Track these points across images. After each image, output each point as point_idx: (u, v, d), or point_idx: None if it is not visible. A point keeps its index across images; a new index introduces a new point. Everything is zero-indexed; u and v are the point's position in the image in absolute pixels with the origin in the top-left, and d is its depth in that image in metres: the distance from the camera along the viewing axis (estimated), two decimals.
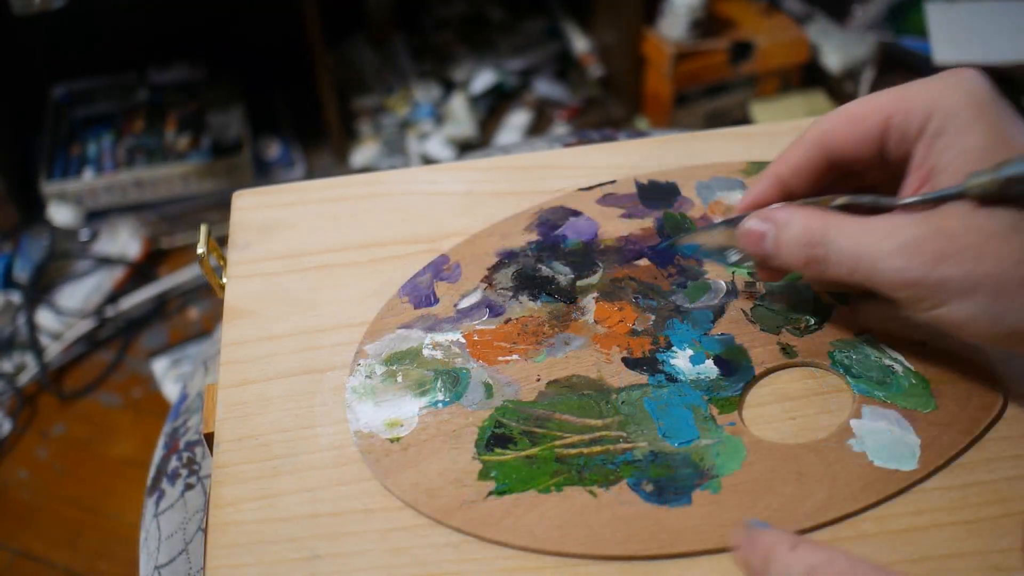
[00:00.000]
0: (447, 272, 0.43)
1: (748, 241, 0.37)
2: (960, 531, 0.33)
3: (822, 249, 0.34)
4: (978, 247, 0.31)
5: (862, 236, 0.33)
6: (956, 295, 0.31)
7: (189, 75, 1.42)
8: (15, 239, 1.28)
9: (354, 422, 0.38)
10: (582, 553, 0.33)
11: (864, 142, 0.35)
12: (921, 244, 0.32)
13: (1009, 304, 0.31)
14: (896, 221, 0.33)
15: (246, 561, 0.34)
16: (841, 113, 0.36)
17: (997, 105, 0.33)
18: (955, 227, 0.32)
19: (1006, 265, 0.31)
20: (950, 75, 0.34)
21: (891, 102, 0.34)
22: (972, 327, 0.32)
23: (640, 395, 0.38)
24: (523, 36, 1.54)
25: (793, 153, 0.37)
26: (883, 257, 0.32)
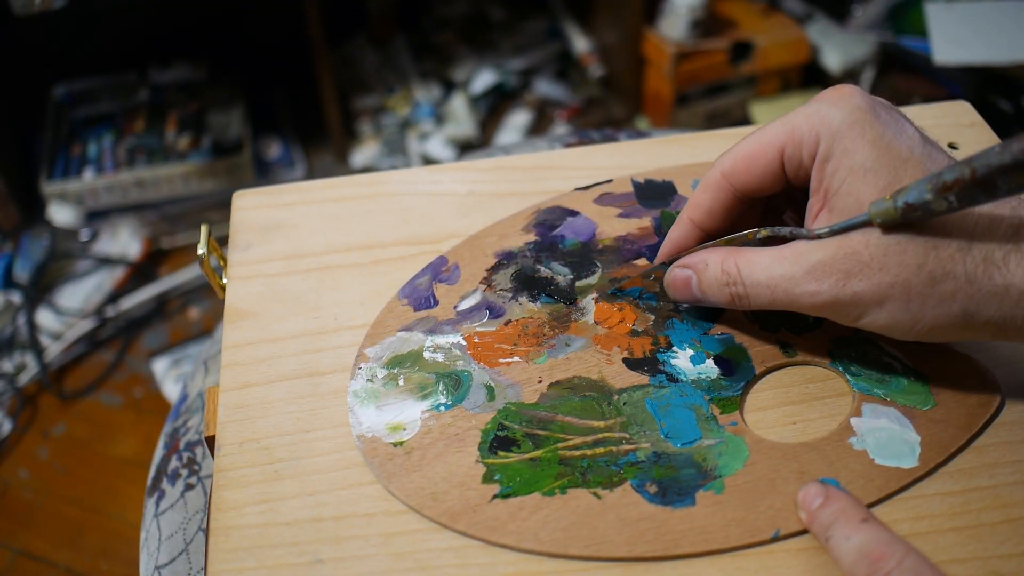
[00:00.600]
0: (446, 274, 0.43)
1: (676, 288, 0.39)
2: (960, 537, 0.33)
3: (740, 287, 0.36)
4: (880, 260, 0.33)
5: (773, 268, 0.35)
6: (871, 306, 0.34)
7: (190, 75, 1.42)
8: (16, 239, 1.28)
9: (356, 426, 0.37)
10: (587, 556, 0.33)
11: (766, 177, 0.36)
12: (828, 266, 0.34)
13: (921, 305, 0.33)
14: (803, 247, 0.35)
15: (248, 565, 0.34)
16: (738, 152, 0.37)
17: (879, 118, 0.34)
18: (857, 245, 0.33)
19: (910, 271, 0.33)
20: (831, 96, 0.35)
21: (781, 134, 0.36)
22: (897, 330, 0.34)
23: (642, 396, 0.38)
24: (524, 36, 1.54)
25: (702, 197, 0.38)
26: (796, 284, 0.34)
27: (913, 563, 0.30)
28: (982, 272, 0.32)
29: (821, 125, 0.34)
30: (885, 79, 1.37)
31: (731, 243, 0.38)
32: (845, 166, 0.34)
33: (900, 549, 0.31)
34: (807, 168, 0.35)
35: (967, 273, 0.32)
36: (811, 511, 0.33)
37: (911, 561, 0.30)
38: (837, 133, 0.34)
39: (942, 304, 0.33)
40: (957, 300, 0.33)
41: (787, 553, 0.33)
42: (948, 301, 0.33)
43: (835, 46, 1.39)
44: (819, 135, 0.34)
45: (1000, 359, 0.38)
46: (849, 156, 0.34)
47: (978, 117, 0.49)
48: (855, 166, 0.34)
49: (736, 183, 0.37)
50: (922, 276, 0.33)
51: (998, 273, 0.32)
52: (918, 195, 0.32)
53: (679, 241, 0.39)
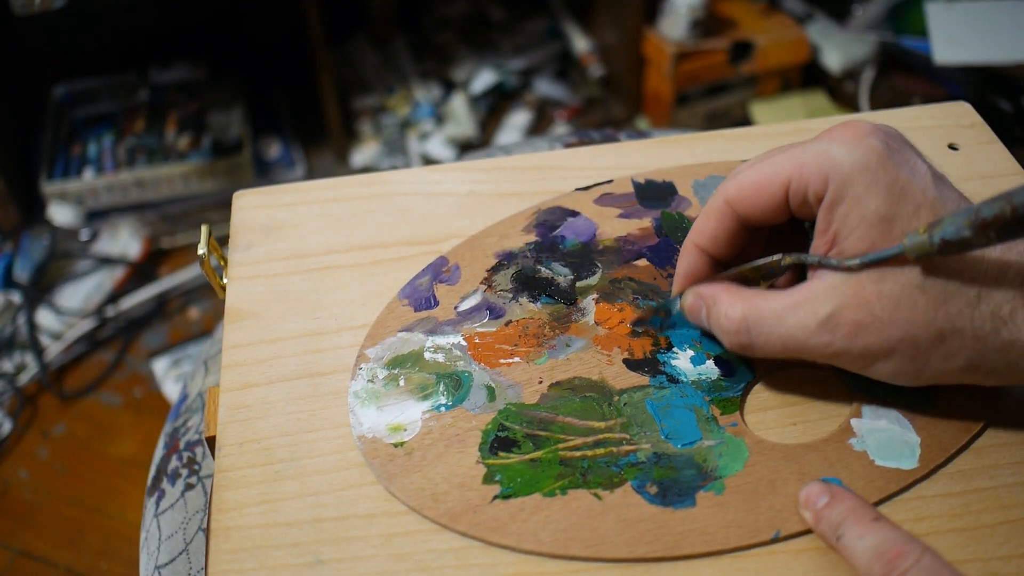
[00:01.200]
0: (446, 274, 0.43)
1: (691, 316, 0.38)
2: (961, 538, 0.33)
3: (746, 336, 0.35)
4: (891, 314, 0.33)
5: (784, 316, 0.34)
6: (879, 358, 0.34)
7: (190, 75, 1.42)
8: (16, 239, 1.28)
9: (357, 427, 0.37)
10: (587, 556, 0.33)
11: (770, 208, 0.35)
12: (841, 316, 0.33)
13: (926, 360, 0.33)
14: (816, 294, 0.34)
15: (249, 566, 0.34)
16: (743, 180, 0.36)
17: (891, 161, 0.33)
18: (869, 297, 0.33)
19: (919, 328, 0.33)
20: (844, 134, 0.34)
21: (788, 168, 0.34)
22: (900, 379, 0.34)
23: (642, 396, 0.38)
24: (524, 36, 1.54)
25: (706, 225, 0.37)
26: (808, 336, 0.34)
27: (930, 561, 0.30)
28: (989, 328, 0.32)
29: (831, 167, 0.33)
30: (885, 79, 1.37)
31: (751, 271, 0.37)
32: (857, 213, 0.33)
33: (917, 547, 0.31)
34: (811, 206, 0.35)
35: (974, 330, 0.32)
36: (817, 510, 0.33)
37: (928, 559, 0.30)
38: (848, 178, 0.33)
39: (948, 359, 0.33)
40: (962, 355, 0.33)
41: (787, 554, 0.33)
42: (954, 356, 0.33)
43: (835, 46, 1.39)
44: (828, 177, 0.33)
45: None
46: (861, 203, 0.33)
47: (978, 118, 0.49)
48: (868, 214, 0.33)
49: (740, 211, 0.36)
50: (931, 332, 0.33)
51: (1005, 329, 0.32)
52: (955, 231, 0.31)
53: (690, 269, 0.38)
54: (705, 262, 0.38)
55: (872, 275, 0.33)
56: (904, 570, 0.30)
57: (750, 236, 0.38)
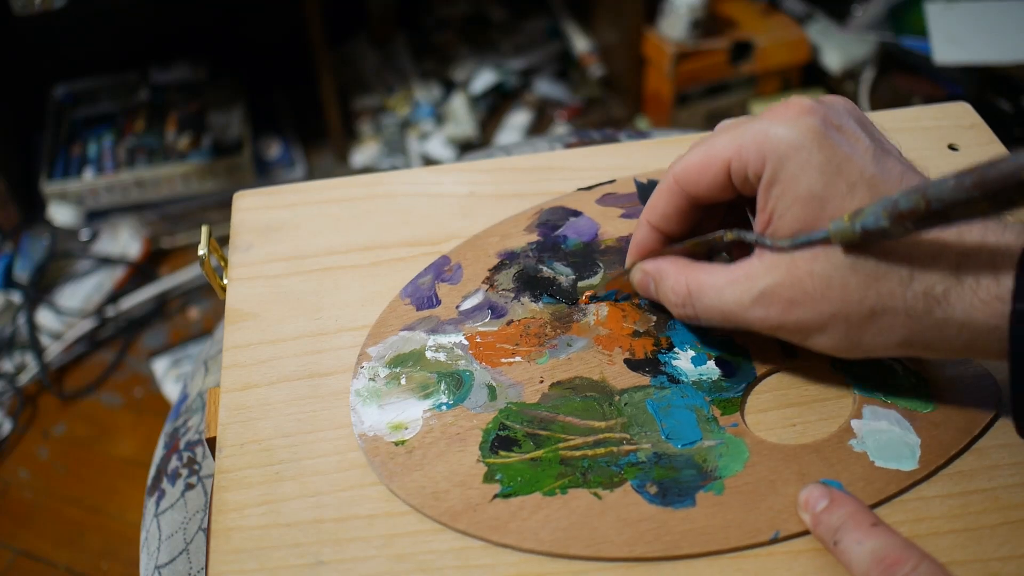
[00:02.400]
0: (448, 273, 0.43)
1: (640, 289, 0.40)
2: (960, 539, 0.33)
3: (691, 308, 0.37)
4: (823, 291, 0.33)
5: (725, 292, 0.36)
6: (813, 331, 0.34)
7: (190, 75, 1.42)
8: (16, 239, 1.28)
9: (358, 425, 0.38)
10: (587, 556, 0.33)
11: (715, 187, 0.36)
12: (775, 293, 0.34)
13: (860, 335, 0.34)
14: (753, 270, 0.35)
15: (250, 567, 0.34)
16: (689, 160, 0.37)
17: (828, 139, 0.33)
18: (802, 275, 0.34)
19: (850, 305, 0.33)
20: (782, 113, 0.35)
21: (729, 148, 0.35)
22: (837, 352, 0.35)
23: (643, 396, 0.38)
24: (524, 36, 1.54)
25: (658, 202, 0.38)
26: (744, 308, 0.35)
27: (928, 568, 0.30)
28: (922, 307, 0.32)
29: (767, 146, 0.34)
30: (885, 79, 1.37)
31: (697, 245, 0.38)
32: (791, 193, 0.34)
33: (915, 554, 0.31)
34: (752, 185, 0.35)
35: (907, 308, 0.33)
36: (816, 514, 0.33)
37: (926, 567, 0.30)
38: (783, 157, 0.33)
39: (881, 334, 0.33)
40: (896, 331, 0.33)
41: (787, 555, 0.33)
42: (887, 332, 0.33)
43: (835, 46, 1.39)
44: (765, 156, 0.34)
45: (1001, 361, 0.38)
46: (795, 183, 0.34)
47: (978, 118, 0.49)
48: (801, 193, 0.33)
49: (688, 189, 0.37)
50: (863, 309, 0.33)
51: (938, 308, 0.32)
52: (875, 221, 0.32)
53: (641, 244, 0.39)
54: (656, 238, 0.39)
55: (805, 255, 0.34)
56: None
57: (702, 213, 0.38)
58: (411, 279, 0.43)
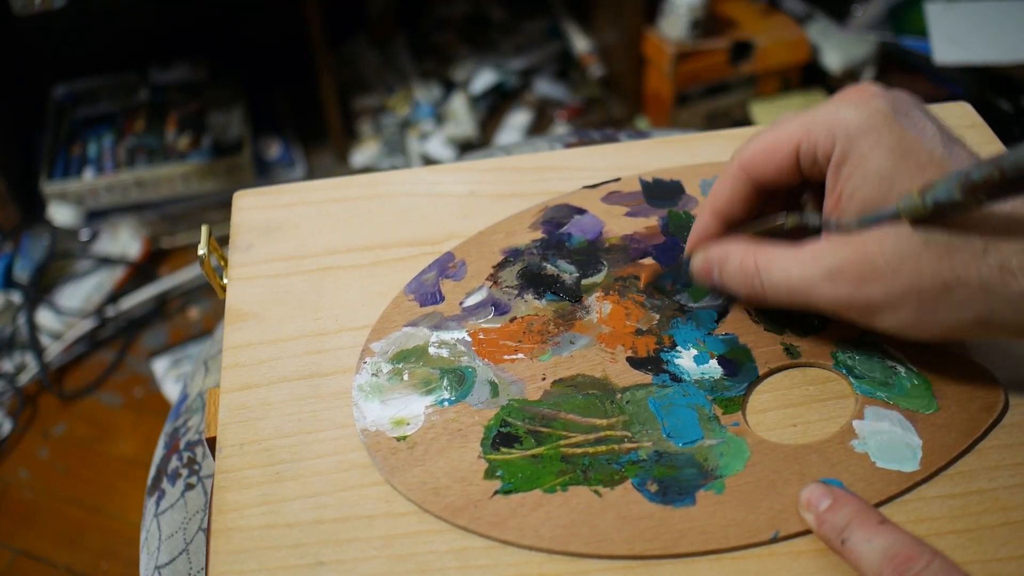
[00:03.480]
0: (452, 270, 0.43)
1: (700, 276, 0.40)
2: (960, 539, 0.33)
3: (758, 283, 0.36)
4: (895, 266, 0.33)
5: (792, 269, 0.35)
6: (884, 309, 0.34)
7: (190, 75, 1.42)
8: (16, 239, 1.28)
9: (360, 420, 0.38)
10: (587, 553, 0.33)
11: (782, 171, 0.37)
12: (844, 269, 0.34)
13: (934, 312, 0.33)
14: (822, 248, 0.35)
15: (250, 567, 0.33)
16: (757, 143, 0.37)
17: (897, 122, 0.34)
18: (873, 250, 0.33)
19: (924, 279, 0.33)
20: (852, 97, 0.35)
21: (798, 130, 0.36)
22: (908, 332, 0.35)
23: (644, 395, 0.38)
24: (524, 36, 1.54)
25: (722, 187, 0.38)
26: (813, 285, 0.35)
27: (941, 565, 0.30)
28: (997, 280, 0.32)
29: (837, 127, 0.34)
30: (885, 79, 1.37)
31: (759, 232, 0.38)
32: (860, 172, 0.34)
33: (928, 551, 0.31)
34: (821, 167, 0.35)
35: (981, 281, 0.32)
36: (819, 513, 0.33)
37: (939, 563, 0.30)
38: (853, 137, 0.34)
39: (955, 310, 0.33)
40: (971, 307, 0.33)
41: (787, 555, 0.33)
42: (962, 308, 0.33)
43: (835, 46, 1.39)
44: (835, 137, 0.34)
45: (1003, 361, 0.38)
46: (865, 162, 0.34)
47: (978, 118, 0.49)
48: (870, 173, 0.34)
49: (754, 175, 0.37)
50: (936, 284, 0.33)
51: (1014, 281, 0.32)
52: (947, 193, 0.32)
53: (702, 232, 0.40)
54: (717, 225, 0.39)
55: (874, 233, 0.34)
56: (916, 573, 0.30)
57: (764, 200, 0.39)
58: (416, 274, 0.43)
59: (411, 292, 0.42)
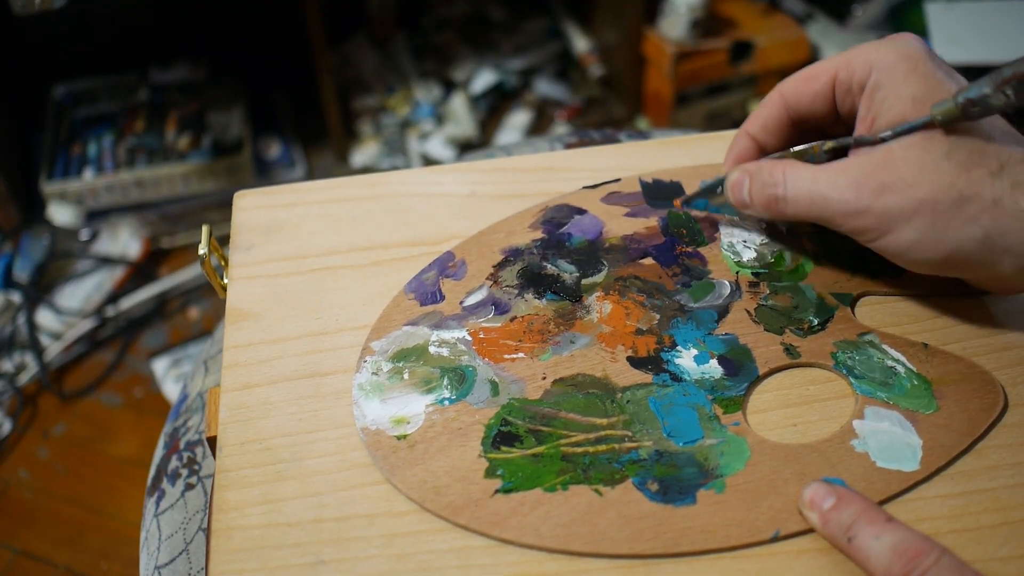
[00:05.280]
0: (453, 269, 0.43)
1: (732, 191, 0.41)
2: (960, 539, 0.33)
3: (781, 189, 0.38)
4: (915, 175, 0.35)
5: (818, 175, 0.38)
6: (899, 221, 0.36)
7: (190, 75, 1.42)
8: (15, 239, 1.28)
9: (360, 419, 0.38)
10: (587, 552, 0.33)
11: (817, 98, 0.40)
12: (866, 177, 0.36)
13: (946, 226, 0.35)
14: (849, 161, 0.37)
15: (250, 567, 0.34)
16: (798, 74, 0.41)
17: (931, 60, 0.37)
18: (895, 159, 0.36)
19: (940, 189, 0.35)
20: (891, 37, 0.38)
21: (837, 61, 0.39)
22: (916, 252, 0.36)
23: (645, 394, 0.38)
24: (524, 36, 1.54)
25: (759, 112, 0.42)
26: (834, 191, 0.37)
27: (950, 560, 0.30)
28: (1008, 196, 0.34)
29: (876, 58, 0.37)
30: None
31: (795, 156, 0.40)
32: (895, 95, 0.37)
33: (936, 546, 0.31)
34: (855, 96, 0.38)
35: (994, 196, 0.34)
36: (824, 512, 0.33)
37: (948, 559, 0.30)
38: (890, 66, 0.37)
39: (966, 225, 0.34)
40: (981, 222, 0.34)
41: (788, 555, 0.33)
42: (972, 223, 0.34)
43: (835, 46, 1.39)
44: (872, 66, 0.37)
45: (1003, 362, 0.39)
46: (899, 86, 0.37)
47: None
48: (904, 95, 0.36)
49: (790, 100, 0.40)
50: (952, 195, 0.34)
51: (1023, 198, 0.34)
52: (978, 90, 0.33)
53: (738, 153, 0.42)
54: (753, 148, 0.42)
55: (903, 142, 0.36)
56: (926, 568, 0.30)
57: (798, 133, 0.41)
58: (416, 274, 0.43)
59: (411, 291, 0.42)
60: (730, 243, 0.44)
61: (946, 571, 0.30)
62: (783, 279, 0.42)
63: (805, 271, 0.42)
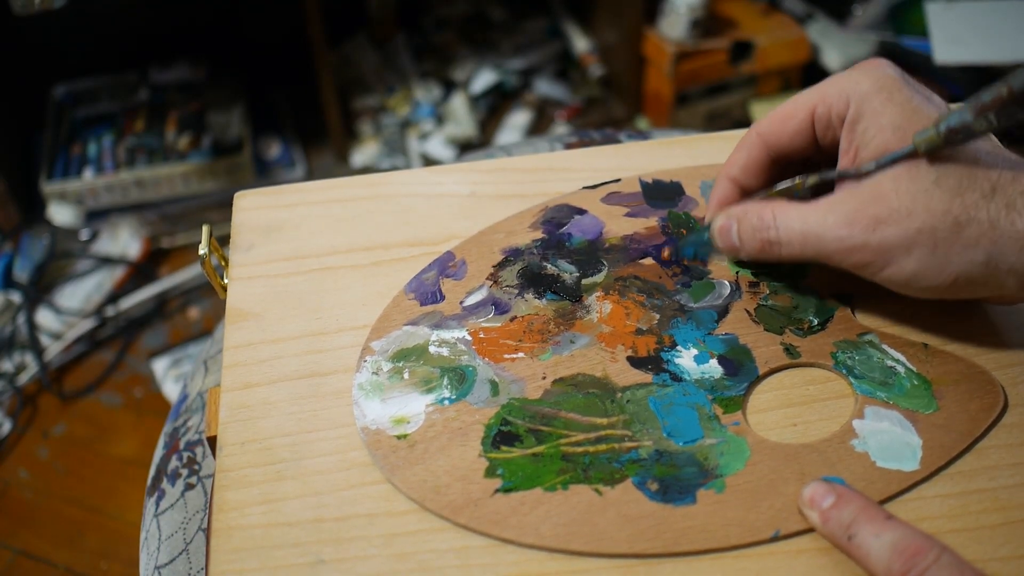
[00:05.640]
0: (453, 269, 0.43)
1: (720, 237, 0.41)
2: (960, 539, 0.33)
3: (773, 232, 0.38)
4: (908, 205, 0.35)
5: (807, 215, 0.37)
6: (898, 253, 0.35)
7: (190, 75, 1.42)
8: (16, 239, 1.28)
9: (361, 419, 0.38)
10: (587, 551, 0.33)
11: (797, 135, 0.39)
12: (857, 212, 0.35)
13: (947, 252, 0.35)
14: (837, 197, 0.36)
15: (250, 566, 0.34)
16: (773, 114, 0.40)
17: (907, 86, 0.37)
18: (885, 191, 0.35)
19: (936, 217, 0.34)
20: (862, 66, 0.38)
21: (813, 96, 0.38)
22: (920, 280, 0.35)
23: (645, 394, 0.38)
24: (524, 36, 1.54)
25: (738, 156, 0.41)
26: (827, 230, 0.36)
27: (950, 558, 0.30)
28: (1004, 217, 0.34)
29: (851, 89, 0.37)
30: None
31: (777, 194, 0.40)
32: (875, 125, 0.36)
33: (936, 544, 0.31)
34: (835, 130, 0.38)
35: (990, 218, 0.34)
36: (823, 510, 0.33)
37: (948, 556, 0.30)
38: (866, 96, 0.36)
39: (967, 250, 0.34)
40: (981, 246, 0.34)
41: (787, 554, 0.33)
42: (972, 247, 0.34)
43: (835, 46, 1.39)
44: (849, 98, 0.37)
45: (1003, 362, 0.39)
46: (879, 116, 0.36)
47: None
48: (884, 125, 0.36)
49: (769, 141, 0.39)
50: (948, 221, 0.34)
51: (1020, 219, 0.34)
52: (959, 118, 0.33)
53: (721, 198, 0.41)
54: (735, 191, 0.41)
55: (889, 173, 0.35)
56: (926, 566, 0.30)
57: (778, 170, 0.40)
58: (416, 274, 0.43)
59: (411, 291, 0.42)
60: None
61: (946, 569, 0.30)
62: (783, 279, 0.42)
63: (805, 271, 0.42)
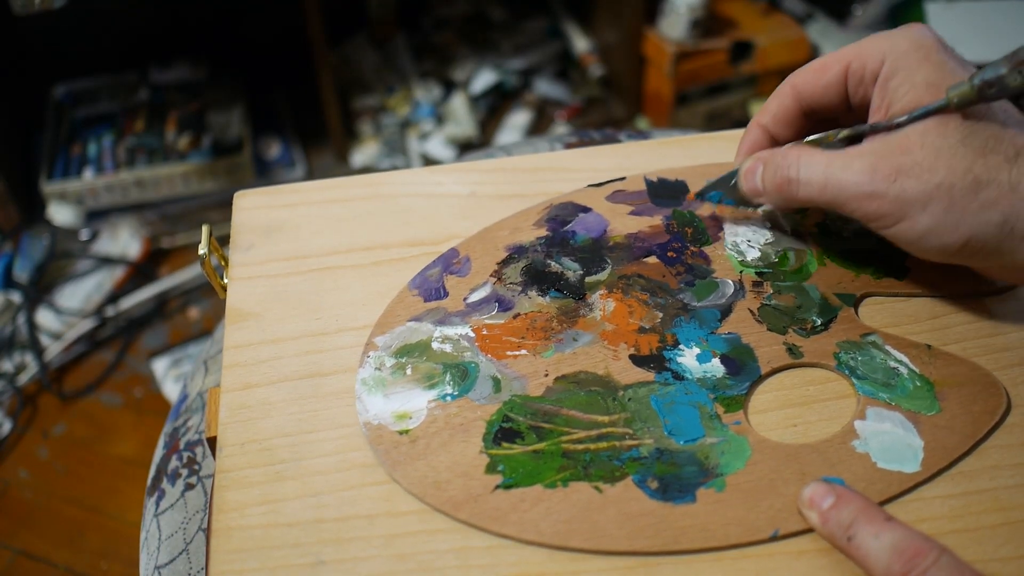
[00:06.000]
0: (456, 266, 0.43)
1: (745, 179, 0.41)
2: (961, 539, 0.33)
3: (794, 170, 0.38)
4: (931, 160, 0.35)
5: (832, 159, 0.37)
6: (914, 207, 0.35)
7: (190, 75, 1.42)
8: (15, 239, 1.28)
9: (363, 413, 0.38)
10: (587, 548, 0.33)
11: (829, 88, 0.39)
12: (882, 161, 0.36)
13: (962, 211, 0.35)
14: (864, 147, 0.37)
15: (250, 567, 0.33)
16: (809, 66, 0.40)
17: (943, 49, 0.37)
18: (912, 144, 0.35)
19: (956, 175, 0.34)
20: (902, 28, 0.38)
21: (850, 51, 0.39)
22: (932, 238, 0.36)
23: (647, 392, 0.38)
24: (524, 36, 1.54)
25: (771, 104, 0.41)
26: (849, 175, 0.36)
27: (950, 559, 0.30)
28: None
29: (888, 48, 0.37)
30: None
31: (812, 144, 0.40)
32: (909, 81, 0.37)
33: (936, 546, 0.31)
34: (867, 87, 0.38)
35: (1011, 182, 0.34)
36: (823, 511, 0.33)
37: (947, 558, 0.30)
38: (903, 54, 0.37)
39: (983, 211, 0.34)
40: (998, 208, 0.34)
41: (787, 554, 0.33)
42: (989, 209, 0.34)
43: (835, 46, 1.39)
44: (885, 55, 0.37)
45: (1005, 362, 0.38)
46: (913, 73, 0.37)
47: None
48: (917, 81, 0.36)
49: (802, 91, 0.40)
50: (967, 180, 0.34)
51: None
52: (994, 71, 0.33)
53: (751, 144, 0.42)
54: (765, 138, 0.42)
55: (918, 127, 0.36)
56: (925, 568, 0.30)
57: (809, 125, 0.41)
58: (420, 270, 0.43)
59: (415, 287, 0.42)
60: (734, 242, 0.44)
61: (945, 570, 0.30)
62: (787, 279, 0.42)
63: (809, 271, 0.42)
